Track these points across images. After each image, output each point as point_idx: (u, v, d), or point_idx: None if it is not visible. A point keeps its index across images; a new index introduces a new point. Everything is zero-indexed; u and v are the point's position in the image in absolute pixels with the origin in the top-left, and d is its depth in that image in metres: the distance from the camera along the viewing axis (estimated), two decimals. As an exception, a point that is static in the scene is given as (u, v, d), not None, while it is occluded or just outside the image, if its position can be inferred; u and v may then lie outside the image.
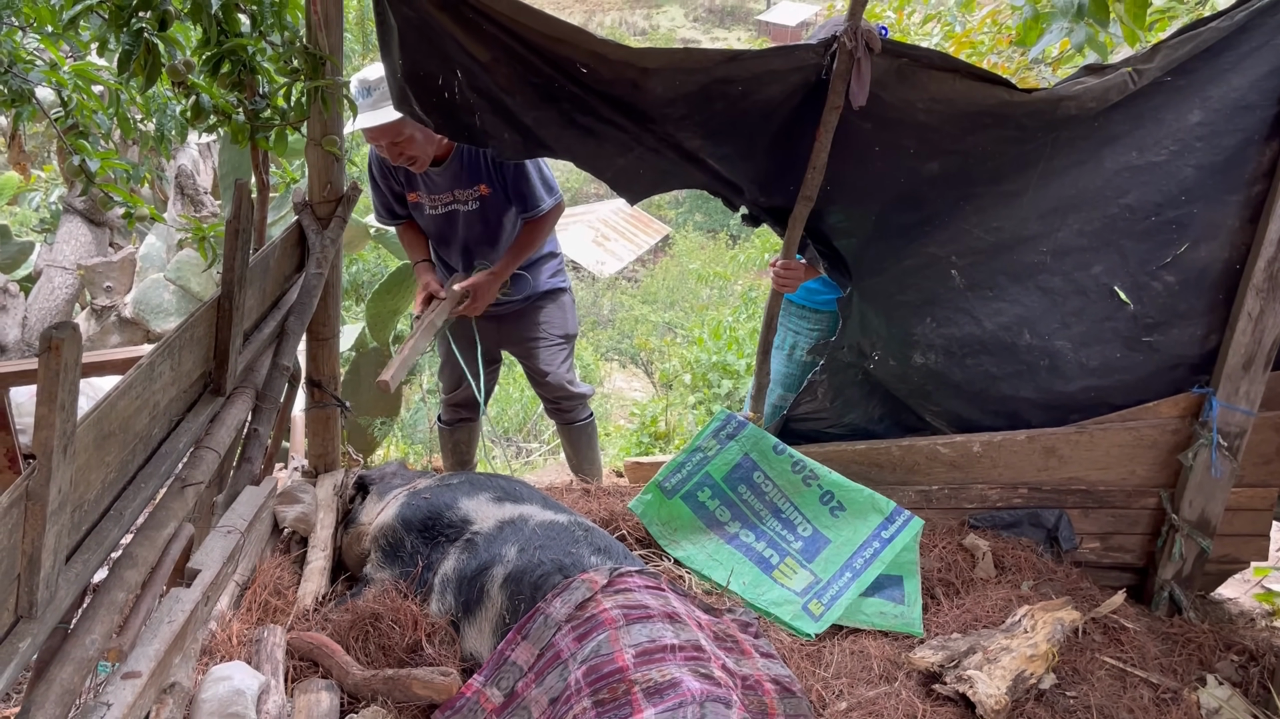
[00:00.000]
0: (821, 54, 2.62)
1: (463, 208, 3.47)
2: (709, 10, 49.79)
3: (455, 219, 3.51)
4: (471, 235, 3.55)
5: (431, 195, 3.46)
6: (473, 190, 3.42)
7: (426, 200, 3.49)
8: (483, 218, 3.50)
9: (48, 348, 1.42)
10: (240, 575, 2.61)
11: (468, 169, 3.37)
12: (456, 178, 3.40)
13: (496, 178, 3.38)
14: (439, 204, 3.48)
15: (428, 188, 3.45)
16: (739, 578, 2.91)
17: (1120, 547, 3.30)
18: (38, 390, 1.45)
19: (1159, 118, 2.81)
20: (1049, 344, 3.06)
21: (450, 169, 3.37)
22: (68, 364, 1.45)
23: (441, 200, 3.46)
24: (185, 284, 4.76)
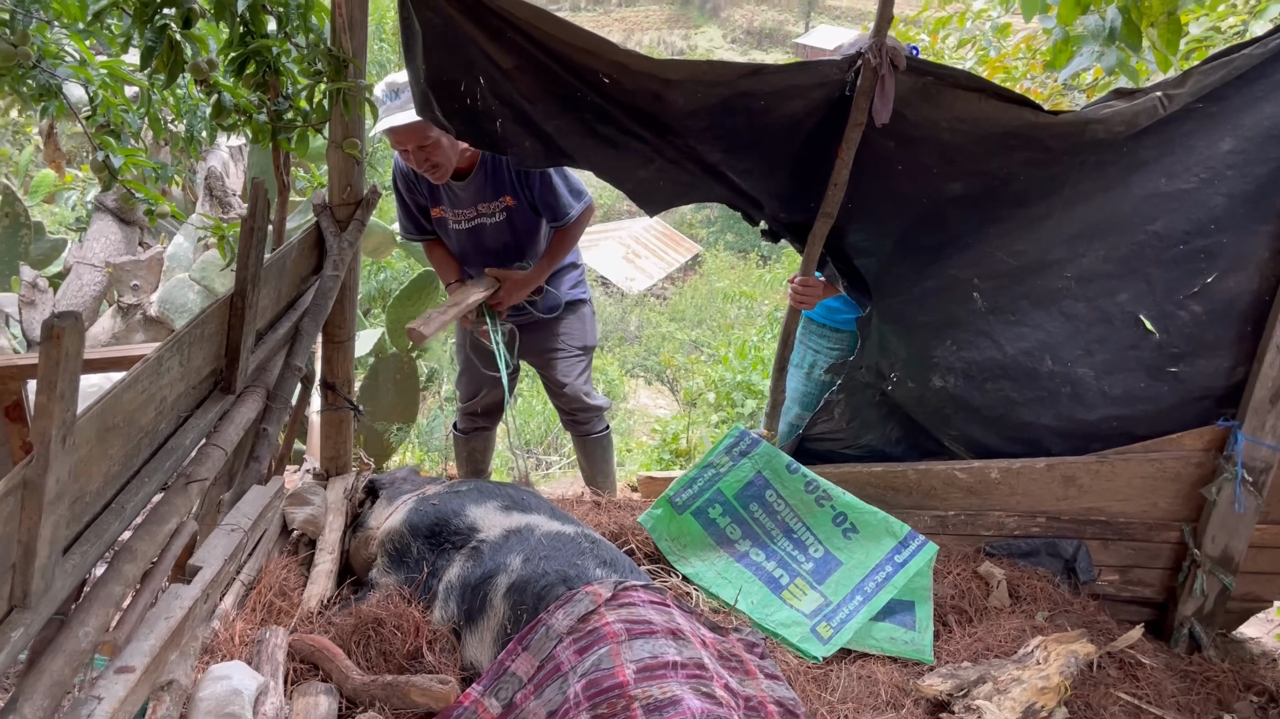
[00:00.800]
0: (845, 70, 2.60)
1: (488, 221, 3.46)
2: (747, 32, 49.94)
3: (481, 233, 3.50)
4: (499, 248, 3.54)
5: (455, 210, 3.45)
6: (498, 203, 3.41)
7: (450, 215, 3.48)
8: (509, 230, 3.49)
9: (49, 336, 1.42)
10: (246, 575, 2.61)
11: (492, 182, 3.36)
12: (480, 191, 3.38)
13: (522, 190, 3.37)
14: (463, 219, 3.47)
15: (451, 202, 3.44)
16: (747, 597, 2.87)
17: (1140, 580, 3.23)
18: (38, 379, 1.45)
19: (1189, 144, 2.76)
20: (1071, 371, 3.01)
21: (474, 182, 3.35)
22: (69, 353, 1.45)
23: (465, 215, 3.45)
24: (209, 284, 4.80)
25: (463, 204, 3.43)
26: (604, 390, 12.93)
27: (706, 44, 49.20)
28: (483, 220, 3.46)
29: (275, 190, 2.97)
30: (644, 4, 53.04)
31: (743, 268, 23.46)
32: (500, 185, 3.37)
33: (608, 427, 4.00)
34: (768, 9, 50.43)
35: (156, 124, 3.27)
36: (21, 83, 2.84)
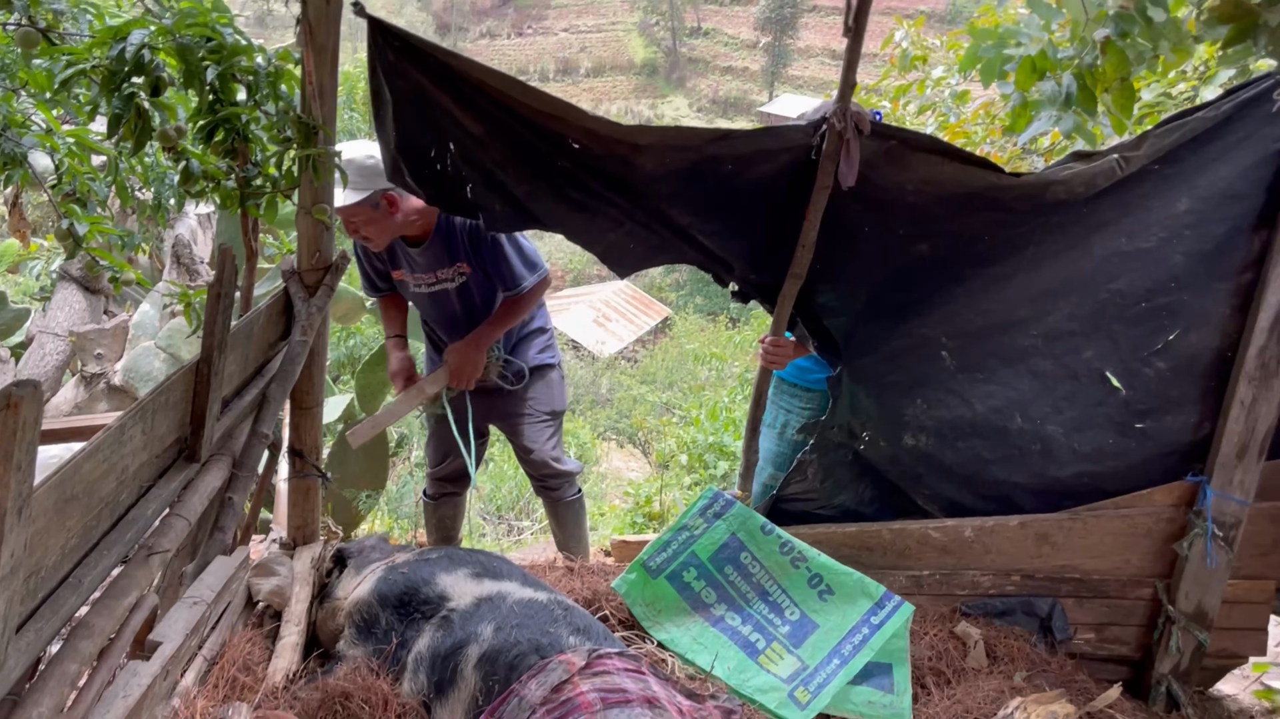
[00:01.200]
0: (811, 134, 2.64)
1: (449, 286, 3.47)
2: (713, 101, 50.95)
3: (445, 298, 3.51)
4: (460, 313, 3.55)
5: (415, 275, 3.47)
6: (455, 269, 3.43)
7: (410, 279, 3.50)
8: (470, 296, 3.50)
9: (6, 405, 1.38)
10: (209, 650, 2.53)
11: (447, 249, 3.38)
12: (437, 258, 3.40)
13: (474, 257, 3.39)
14: (423, 284, 3.48)
15: (410, 267, 3.46)
16: (723, 663, 2.82)
17: (1116, 638, 3.21)
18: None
19: (1147, 205, 2.82)
20: (1041, 428, 3.03)
21: (430, 249, 3.37)
22: (26, 422, 1.41)
23: (426, 280, 3.47)
24: (176, 352, 4.75)
25: (420, 269, 3.44)
26: (576, 454, 12.86)
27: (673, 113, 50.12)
28: (444, 286, 3.47)
29: (243, 257, 2.96)
30: (611, 74, 54.10)
31: (712, 330, 23.63)
32: (455, 252, 3.39)
33: (580, 491, 3.96)
34: (732, 79, 51.58)
35: (124, 192, 3.26)
36: (-15, 151, 2.83)
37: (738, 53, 52.98)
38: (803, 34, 50.98)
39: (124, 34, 2.26)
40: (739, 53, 52.94)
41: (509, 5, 59.88)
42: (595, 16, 58.56)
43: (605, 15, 58.54)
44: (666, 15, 55.08)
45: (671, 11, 54.65)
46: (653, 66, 54.88)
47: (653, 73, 54.72)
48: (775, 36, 50.14)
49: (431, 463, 3.95)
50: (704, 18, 56.23)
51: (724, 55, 53.41)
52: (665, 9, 54.73)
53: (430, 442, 3.93)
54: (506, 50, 54.31)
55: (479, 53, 46.45)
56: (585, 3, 59.60)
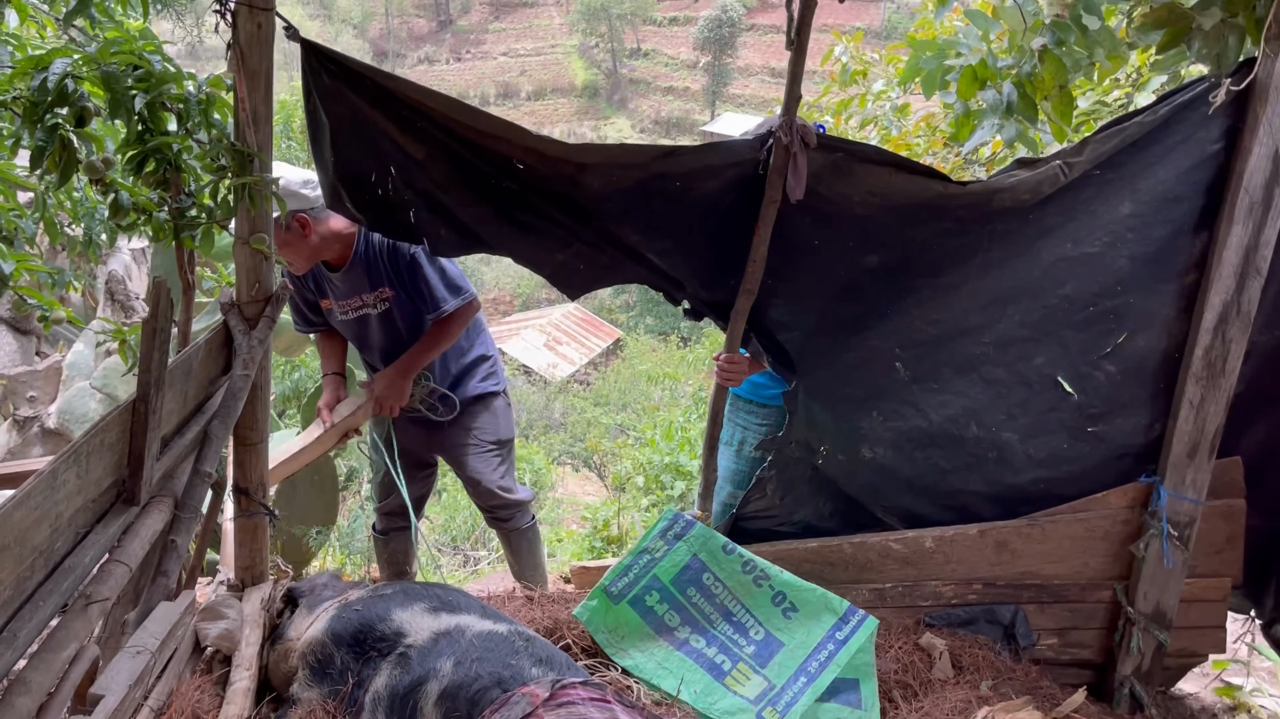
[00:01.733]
0: (758, 149, 2.63)
1: (372, 311, 3.41)
2: (655, 121, 51.26)
3: (368, 323, 3.46)
4: (387, 339, 3.49)
5: (340, 301, 3.41)
6: (377, 293, 3.38)
7: (337, 306, 3.44)
8: (394, 320, 3.45)
9: (-75, 454, 1.31)
10: (155, 700, 2.42)
11: (368, 274, 3.33)
12: (359, 282, 3.34)
13: (396, 280, 3.33)
14: (349, 309, 3.43)
15: (334, 294, 3.41)
16: (690, 686, 2.77)
17: (1078, 642, 3.22)
18: (-86, 501, 1.33)
19: (1091, 210, 2.85)
20: (996, 436, 3.04)
21: (351, 274, 3.32)
22: (-53, 471, 1.33)
23: (351, 306, 3.41)
24: (112, 392, 4.60)
25: (343, 295, 3.39)
26: (531, 480, 12.74)
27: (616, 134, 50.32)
28: (366, 311, 3.42)
29: (179, 290, 2.87)
30: (552, 97, 54.22)
31: (664, 350, 23.67)
32: (377, 277, 3.33)
33: (534, 518, 3.89)
34: (674, 99, 51.96)
35: (52, 228, 3.15)
36: (-97, 190, 2.72)
37: (678, 73, 53.41)
38: (742, 52, 51.54)
39: (46, 63, 2.18)
40: (679, 73, 53.38)
41: (446, 30, 59.80)
42: (534, 40, 58.70)
43: (544, 38, 58.70)
44: (605, 37, 55.39)
45: (610, 33, 54.97)
46: (594, 88, 55.12)
47: (594, 95, 54.94)
48: (715, 56, 50.64)
49: (377, 498, 3.87)
50: (643, 39, 56.63)
51: (664, 75, 53.82)
52: (604, 31, 55.03)
53: (374, 476, 3.85)
54: (446, 75, 54.17)
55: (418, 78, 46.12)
56: (523, 26, 59.73)
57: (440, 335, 3.41)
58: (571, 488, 16.04)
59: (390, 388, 3.39)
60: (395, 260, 3.28)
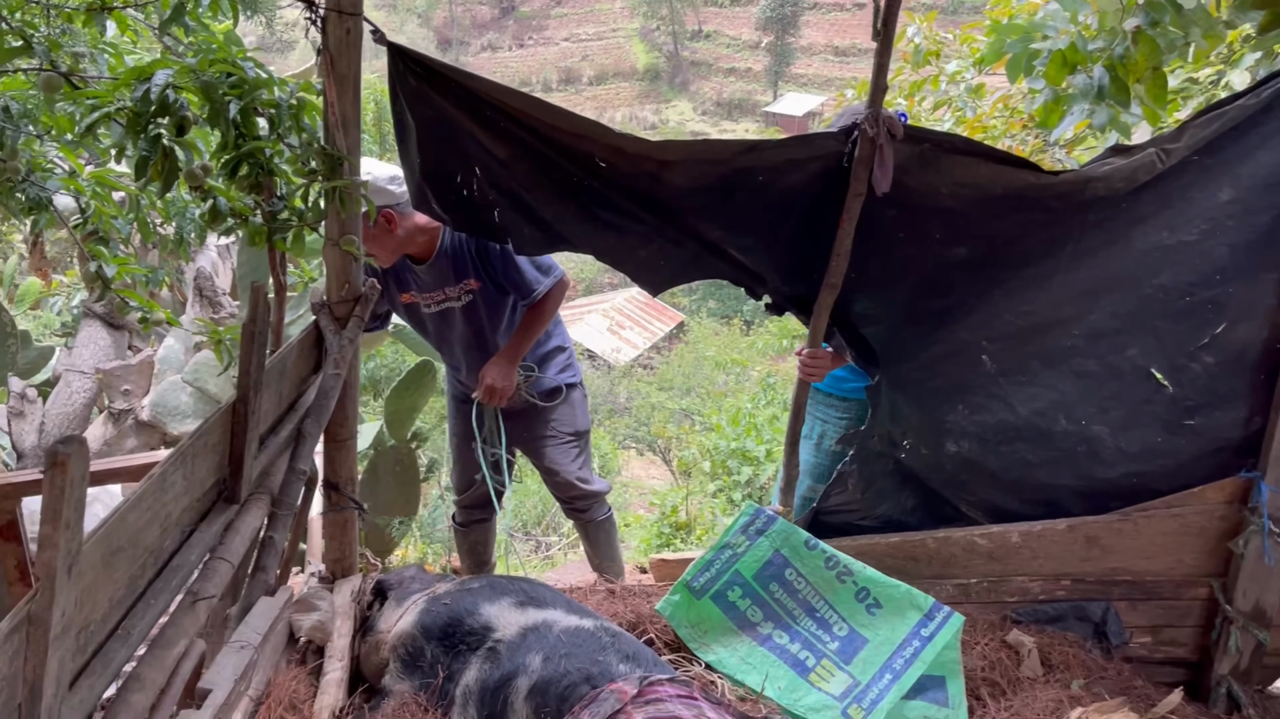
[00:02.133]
0: (843, 141, 2.60)
1: (456, 304, 3.44)
2: (716, 103, 50.91)
3: (451, 317, 3.48)
4: (469, 331, 3.51)
5: (424, 294, 3.44)
6: (462, 286, 3.39)
7: (420, 300, 3.46)
8: (477, 313, 3.47)
9: (53, 463, 1.35)
10: (254, 690, 2.49)
11: (454, 266, 3.35)
12: (444, 275, 3.37)
13: (484, 271, 3.35)
14: (432, 303, 3.45)
15: (418, 287, 3.43)
16: (774, 682, 2.77)
17: (1172, 640, 3.15)
18: (42, 508, 1.38)
19: (1188, 197, 2.76)
20: (1086, 429, 2.97)
21: (436, 267, 3.34)
22: (74, 480, 1.38)
23: (434, 299, 3.43)
24: (203, 386, 4.73)
25: (428, 288, 3.41)
26: (598, 464, 12.82)
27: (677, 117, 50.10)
28: (450, 304, 3.44)
29: (272, 291, 2.94)
30: (614, 81, 54.15)
31: (727, 334, 23.55)
32: (463, 269, 3.35)
33: (610, 510, 3.91)
34: (736, 80, 51.54)
35: (146, 229, 3.24)
36: (10, 196, 2.82)
37: (740, 54, 52.95)
38: (805, 32, 50.92)
39: (148, 74, 2.23)
40: (741, 54, 52.91)
41: (509, 17, 60.05)
42: (596, 24, 58.65)
43: (605, 23, 58.62)
44: (667, 20, 55.11)
45: (672, 16, 54.67)
46: (655, 71, 54.91)
47: (655, 78, 54.75)
48: (777, 35, 50.09)
49: (457, 490, 3.91)
50: (704, 20, 56.23)
51: (726, 57, 53.39)
52: (665, 13, 54.75)
53: (454, 469, 3.89)
54: (509, 62, 54.43)
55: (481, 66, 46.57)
56: (585, 11, 59.70)
57: (538, 317, 3.44)
58: (637, 472, 16.10)
59: (502, 375, 3.40)
60: (484, 251, 3.31)
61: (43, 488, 1.38)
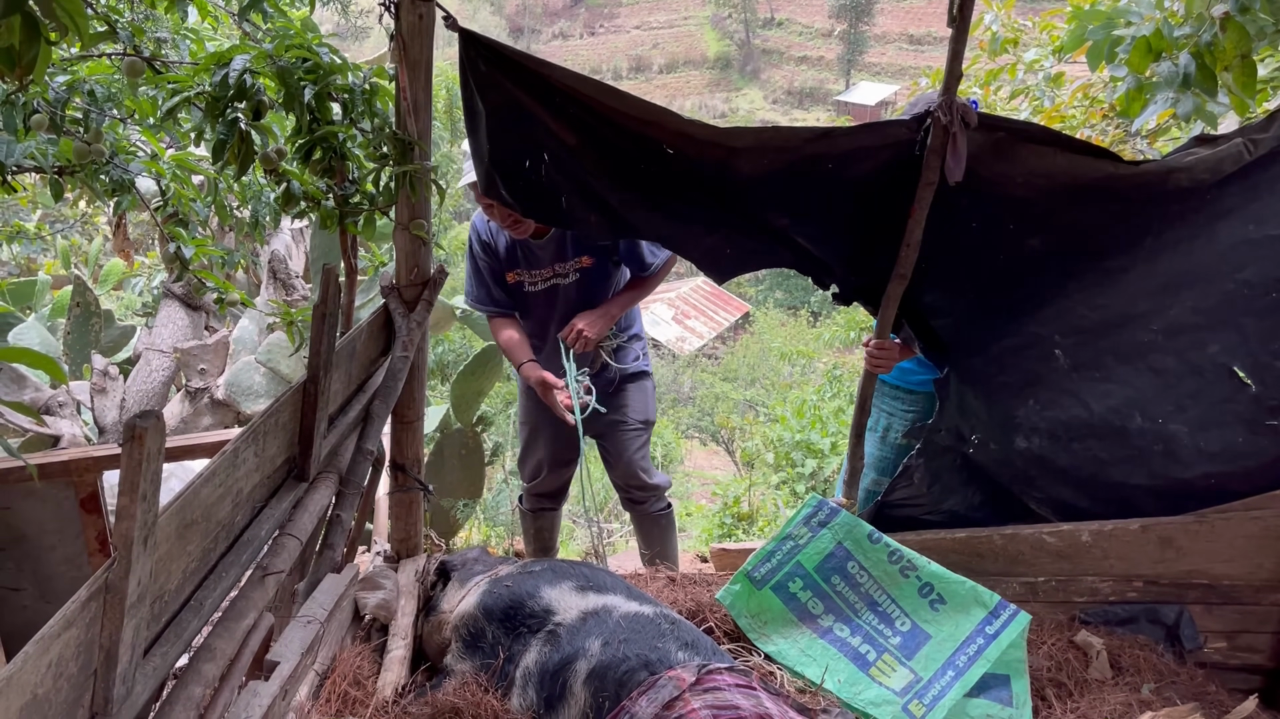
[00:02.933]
0: (915, 129, 2.55)
1: (562, 282, 3.44)
2: (788, 92, 50.45)
3: (555, 295, 3.48)
4: (570, 310, 3.49)
5: (532, 271, 3.43)
6: (574, 263, 3.40)
7: (527, 277, 3.45)
8: (583, 291, 3.46)
9: (131, 437, 1.39)
10: (320, 664, 2.55)
11: (571, 240, 3.35)
12: (559, 250, 3.37)
13: (599, 246, 3.36)
14: (539, 280, 3.44)
15: (529, 263, 3.42)
16: (834, 675, 2.75)
17: (1249, 646, 3.05)
18: (120, 480, 1.43)
19: (1276, 189, 2.66)
20: (1163, 428, 2.88)
21: (554, 240, 3.34)
22: (150, 454, 1.42)
23: (542, 276, 3.43)
24: (275, 366, 4.84)
25: (540, 264, 3.41)
26: (660, 453, 12.82)
27: (748, 105, 49.76)
28: (557, 281, 3.44)
29: (343, 273, 2.99)
30: (684, 69, 53.96)
31: (793, 325, 23.38)
32: (578, 243, 3.36)
33: (669, 505, 3.90)
34: (807, 69, 51.00)
35: (223, 211, 3.32)
36: (94, 178, 2.90)
37: (812, 41, 52.37)
38: (878, 19, 50.16)
39: (226, 60, 2.29)
40: (813, 41, 52.33)
41: (580, 5, 60.20)
42: (667, 12, 58.49)
43: (677, 10, 58.42)
44: (739, 7, 54.73)
45: (743, 3, 54.29)
46: (726, 60, 54.57)
47: (726, 66, 54.42)
48: (850, 23, 49.42)
49: (526, 478, 3.93)
50: (777, 8, 55.73)
51: (798, 45, 52.85)
52: (737, 1, 54.37)
53: (524, 459, 3.91)
54: (579, 50, 54.57)
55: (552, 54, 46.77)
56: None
57: (645, 286, 3.51)
58: (700, 462, 16.09)
59: (593, 324, 3.36)
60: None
61: (120, 461, 1.42)
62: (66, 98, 2.61)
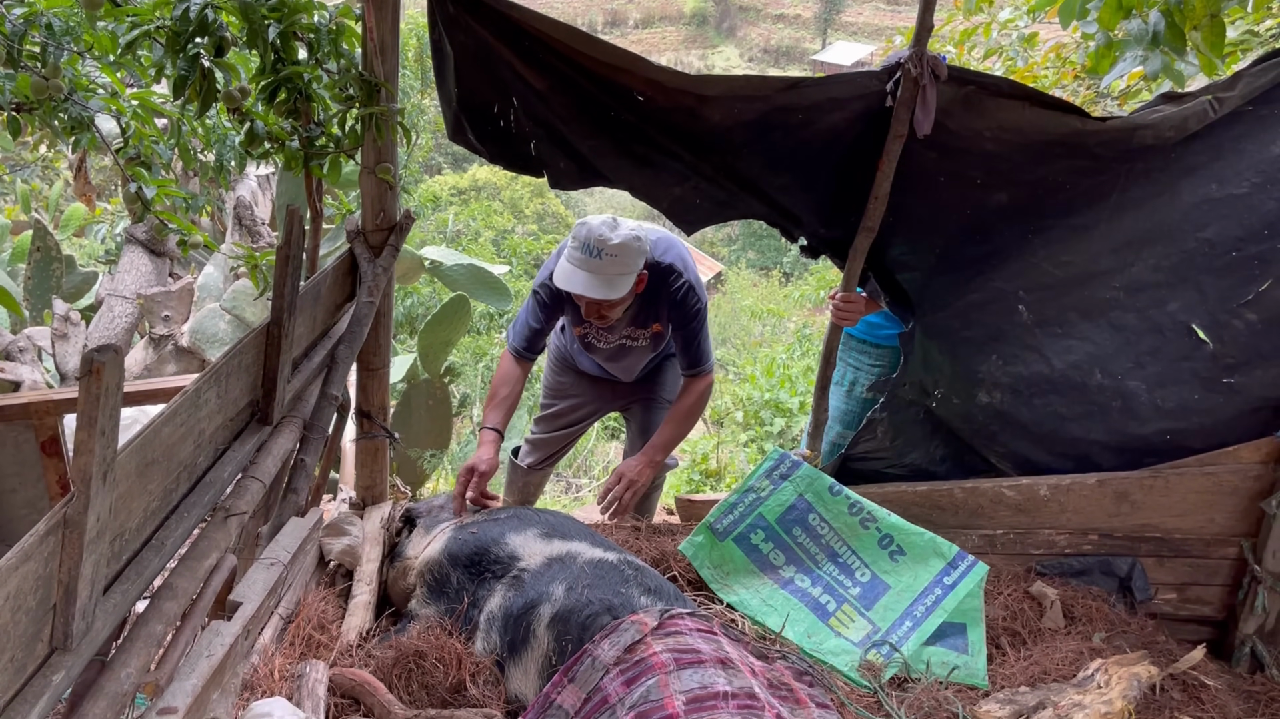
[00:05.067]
0: (885, 80, 2.55)
1: (631, 344, 3.37)
2: (764, 50, 50.05)
3: (624, 352, 3.42)
4: (631, 365, 3.49)
5: (603, 333, 3.32)
6: (646, 330, 3.30)
7: (593, 334, 3.35)
8: (646, 354, 3.45)
9: (89, 371, 1.38)
10: (284, 608, 2.56)
11: (643, 310, 3.21)
12: (634, 319, 3.25)
13: (668, 319, 3.22)
14: (610, 340, 3.35)
15: (599, 328, 3.28)
16: (794, 625, 2.79)
17: (1198, 598, 3.13)
18: (78, 415, 1.42)
19: (1240, 148, 2.69)
20: (1122, 384, 2.93)
21: (631, 310, 3.18)
22: (109, 388, 1.41)
23: (613, 338, 3.35)
24: (240, 314, 4.79)
25: (615, 330, 3.29)
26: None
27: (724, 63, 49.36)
28: (626, 342, 3.36)
29: (308, 218, 2.95)
30: (660, 25, 53.34)
31: (765, 285, 23.39)
32: (652, 313, 3.22)
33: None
34: (784, 27, 50.59)
35: (186, 154, 3.26)
36: (54, 115, 2.83)
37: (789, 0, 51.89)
38: (856, -21, 49.74)
39: (187, -7, 2.23)
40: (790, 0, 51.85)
41: (556, -42, 59.22)
42: (643, -34, 57.67)
43: (653, -35, 57.61)
44: (716, -37, 54.06)
45: (721, -41, 53.63)
46: (702, 16, 53.99)
47: (702, 22, 53.84)
48: (828, -18, 48.98)
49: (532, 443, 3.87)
50: (754, -35, 55.09)
51: (775, 3, 52.34)
52: (714, -43, 53.71)
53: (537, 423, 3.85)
54: (554, 3, 53.80)
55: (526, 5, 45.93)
56: (633, -48, 58.72)
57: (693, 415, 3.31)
58: (670, 420, 16.10)
59: (642, 472, 3.25)
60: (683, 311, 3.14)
61: (79, 394, 1.41)
62: (24, 31, 2.53)
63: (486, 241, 14.56)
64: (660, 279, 3.08)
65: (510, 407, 3.25)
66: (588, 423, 3.80)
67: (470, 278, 5.45)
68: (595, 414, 3.76)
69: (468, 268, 5.46)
